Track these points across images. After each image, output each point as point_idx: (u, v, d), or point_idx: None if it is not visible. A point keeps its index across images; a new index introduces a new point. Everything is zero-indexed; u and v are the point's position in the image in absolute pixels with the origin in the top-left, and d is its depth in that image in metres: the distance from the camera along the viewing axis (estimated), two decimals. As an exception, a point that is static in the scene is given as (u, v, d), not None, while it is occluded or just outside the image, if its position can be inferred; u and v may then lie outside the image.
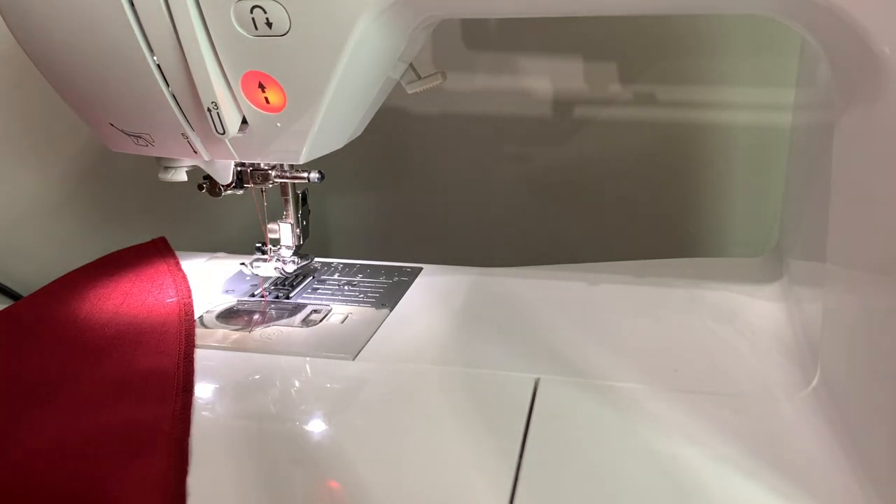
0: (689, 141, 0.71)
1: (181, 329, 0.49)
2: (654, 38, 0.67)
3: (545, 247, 0.79)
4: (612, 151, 0.73)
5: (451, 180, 0.78)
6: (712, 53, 0.67)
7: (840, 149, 0.38)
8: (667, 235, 0.75)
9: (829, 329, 0.40)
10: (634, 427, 0.38)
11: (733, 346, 0.46)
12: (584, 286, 0.54)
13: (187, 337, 0.48)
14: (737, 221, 0.74)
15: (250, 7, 0.37)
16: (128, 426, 0.39)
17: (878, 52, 0.32)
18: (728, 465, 0.35)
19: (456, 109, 0.74)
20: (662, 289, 0.53)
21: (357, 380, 0.44)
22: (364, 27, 0.37)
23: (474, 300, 0.53)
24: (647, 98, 0.69)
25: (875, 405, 0.34)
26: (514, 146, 0.75)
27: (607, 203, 0.76)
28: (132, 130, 0.45)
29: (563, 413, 0.40)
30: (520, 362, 0.45)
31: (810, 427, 0.38)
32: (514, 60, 0.71)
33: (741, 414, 0.39)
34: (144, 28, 0.38)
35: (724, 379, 0.42)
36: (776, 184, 0.70)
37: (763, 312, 0.49)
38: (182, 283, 0.55)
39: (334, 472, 0.37)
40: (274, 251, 0.55)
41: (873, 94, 0.33)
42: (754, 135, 0.69)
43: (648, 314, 0.50)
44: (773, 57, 0.65)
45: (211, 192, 0.53)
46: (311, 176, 0.51)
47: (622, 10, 0.41)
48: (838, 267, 0.38)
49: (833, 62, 0.37)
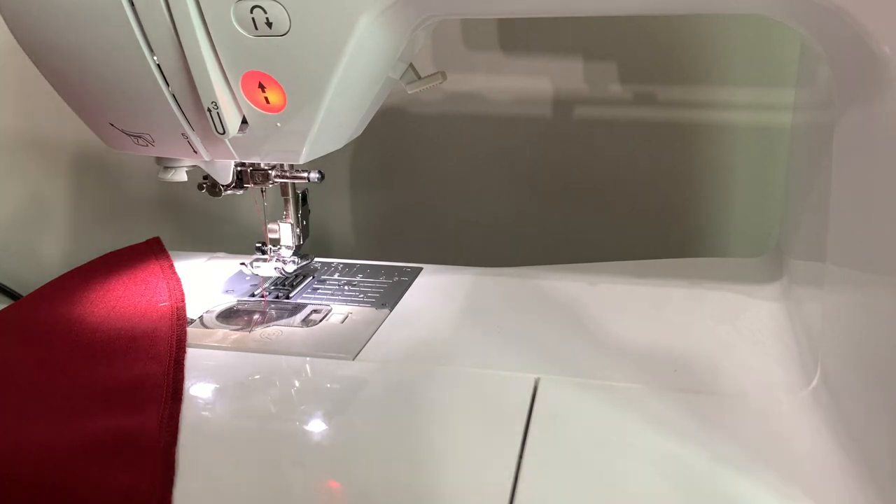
0: (690, 141, 0.71)
1: (172, 334, 0.48)
2: (654, 38, 0.67)
3: (545, 247, 0.79)
4: (612, 151, 0.73)
5: (451, 180, 0.78)
6: (712, 53, 0.67)
7: (840, 149, 0.38)
8: (667, 235, 0.75)
9: (829, 329, 0.40)
10: (634, 427, 0.38)
11: (733, 346, 0.46)
12: (584, 286, 0.54)
13: (178, 342, 0.47)
14: (737, 221, 0.74)
15: (250, 7, 0.37)
16: (114, 434, 0.39)
17: (879, 52, 0.32)
18: (728, 465, 0.35)
19: (456, 109, 0.74)
20: (662, 289, 0.53)
21: (357, 380, 0.44)
22: (364, 27, 0.37)
23: (474, 300, 0.53)
24: (647, 98, 0.69)
25: (875, 405, 0.34)
26: (513, 146, 0.75)
27: (607, 203, 0.75)
28: (132, 130, 0.45)
29: (563, 413, 0.40)
30: (520, 362, 0.45)
31: (810, 427, 0.38)
32: (514, 60, 0.71)
33: (741, 414, 0.39)
34: (144, 28, 0.38)
35: (724, 379, 0.42)
36: (776, 184, 0.70)
37: (763, 312, 0.49)
38: (175, 286, 0.55)
39: (334, 472, 0.37)
40: (274, 251, 0.55)
41: (873, 95, 0.33)
42: (754, 135, 0.69)
43: (648, 314, 0.50)
44: (773, 57, 0.65)
45: (211, 192, 0.53)
46: (311, 176, 0.51)
47: (622, 10, 0.41)
48: (838, 267, 0.38)
49: (833, 62, 0.37)
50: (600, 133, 0.72)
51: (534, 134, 0.74)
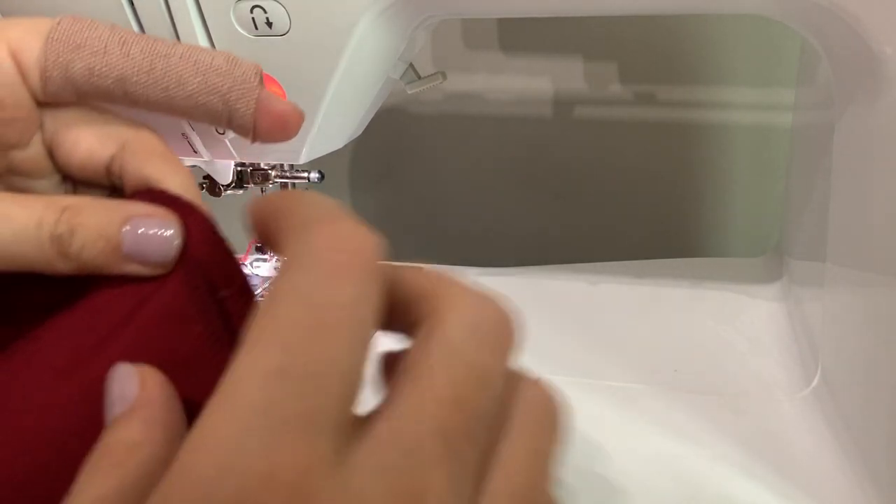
0: (690, 141, 0.71)
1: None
2: (654, 38, 0.67)
3: (545, 247, 0.79)
4: (612, 151, 0.73)
5: (451, 180, 0.78)
6: (712, 53, 0.67)
7: (840, 149, 0.38)
8: (667, 235, 0.75)
9: (830, 329, 0.40)
10: (635, 427, 0.38)
11: (733, 346, 0.45)
12: (584, 286, 0.54)
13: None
14: (737, 221, 0.74)
15: (250, 7, 0.37)
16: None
17: (879, 52, 0.32)
18: (728, 465, 0.35)
19: (456, 109, 0.74)
20: (662, 289, 0.53)
21: (357, 380, 0.44)
22: (364, 27, 0.37)
23: (474, 300, 0.53)
24: (647, 98, 0.69)
25: (875, 405, 0.34)
26: (513, 146, 0.75)
27: (607, 203, 0.75)
28: (132, 130, 0.44)
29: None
30: (520, 362, 0.45)
31: (810, 427, 0.38)
32: (514, 60, 0.71)
33: (741, 414, 0.39)
34: (144, 28, 0.38)
35: (724, 379, 0.42)
36: (776, 184, 0.70)
37: (763, 312, 0.49)
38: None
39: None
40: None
41: (874, 95, 0.33)
42: (754, 135, 0.69)
43: (648, 314, 0.50)
44: (773, 57, 0.65)
45: (211, 192, 0.53)
46: (311, 176, 0.51)
47: (622, 10, 0.41)
48: (839, 267, 0.38)
49: (833, 62, 0.37)
50: (600, 133, 0.72)
51: (533, 134, 0.74)
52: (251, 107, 0.30)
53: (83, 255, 0.25)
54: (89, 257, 0.25)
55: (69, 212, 0.25)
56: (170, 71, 0.28)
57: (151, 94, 0.29)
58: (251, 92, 0.29)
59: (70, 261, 0.25)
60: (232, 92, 0.29)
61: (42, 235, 0.25)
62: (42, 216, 0.25)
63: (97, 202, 0.26)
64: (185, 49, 0.29)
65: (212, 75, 0.29)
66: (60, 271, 0.25)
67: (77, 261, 0.25)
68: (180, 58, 0.28)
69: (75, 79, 0.28)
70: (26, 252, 0.25)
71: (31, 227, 0.25)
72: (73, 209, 0.25)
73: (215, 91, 0.29)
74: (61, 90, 0.28)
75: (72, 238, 0.25)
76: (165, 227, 0.27)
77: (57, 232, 0.25)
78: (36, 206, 0.25)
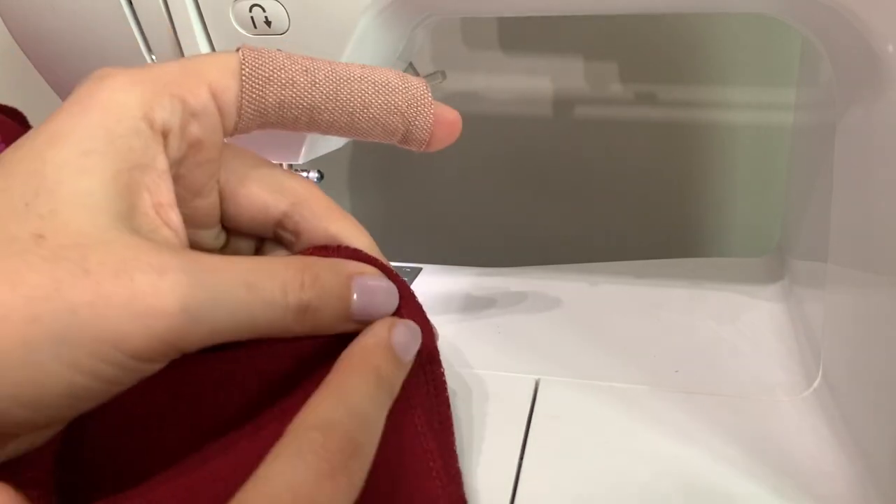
0: (690, 141, 0.71)
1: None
2: (655, 38, 0.67)
3: (545, 247, 0.79)
4: (612, 151, 0.73)
5: (451, 180, 0.78)
6: (712, 53, 0.67)
7: (842, 149, 0.37)
8: (667, 235, 0.75)
9: (831, 330, 0.39)
10: (634, 427, 0.38)
11: (734, 346, 0.45)
12: (584, 286, 0.54)
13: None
14: (738, 221, 0.74)
15: (249, 6, 0.37)
16: None
17: (881, 51, 0.32)
18: (729, 466, 0.35)
19: (456, 109, 0.74)
20: (663, 289, 0.53)
21: (357, 380, 0.44)
22: (364, 26, 0.37)
23: (474, 300, 0.53)
24: (647, 98, 0.69)
25: (877, 406, 0.34)
26: (514, 146, 0.75)
27: (607, 203, 0.75)
28: (131, 130, 0.44)
29: (563, 413, 0.40)
30: (520, 362, 0.44)
31: (812, 428, 0.38)
32: (514, 60, 0.71)
33: (742, 414, 0.39)
34: (143, 28, 0.38)
35: (725, 379, 0.42)
36: (777, 184, 0.70)
37: (764, 313, 0.49)
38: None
39: (334, 473, 0.36)
40: (273, 251, 0.55)
41: (875, 94, 0.33)
42: (755, 135, 0.69)
43: (649, 314, 0.50)
44: (774, 56, 0.65)
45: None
46: (311, 176, 0.51)
47: (622, 9, 0.41)
48: (840, 267, 0.38)
49: (835, 61, 0.37)
50: (600, 133, 0.72)
51: (534, 134, 0.74)
52: (430, 121, 0.29)
53: (318, 317, 0.24)
54: (324, 319, 0.25)
55: (308, 274, 0.24)
56: (353, 95, 0.28)
57: (337, 120, 0.28)
58: (428, 107, 0.29)
59: (306, 325, 0.24)
60: (410, 108, 0.29)
61: (289, 303, 0.23)
62: (285, 281, 0.23)
63: (322, 262, 0.25)
64: (359, 70, 0.28)
65: (390, 94, 0.28)
66: (292, 334, 0.24)
67: (312, 323, 0.24)
68: (360, 80, 0.28)
69: (267, 113, 0.27)
70: (271, 320, 0.23)
71: (277, 294, 0.23)
72: (310, 271, 0.24)
73: (395, 110, 0.28)
74: (250, 125, 0.27)
75: (318, 303, 0.24)
76: (386, 284, 0.27)
77: (305, 298, 0.24)
78: (277, 270, 0.24)
